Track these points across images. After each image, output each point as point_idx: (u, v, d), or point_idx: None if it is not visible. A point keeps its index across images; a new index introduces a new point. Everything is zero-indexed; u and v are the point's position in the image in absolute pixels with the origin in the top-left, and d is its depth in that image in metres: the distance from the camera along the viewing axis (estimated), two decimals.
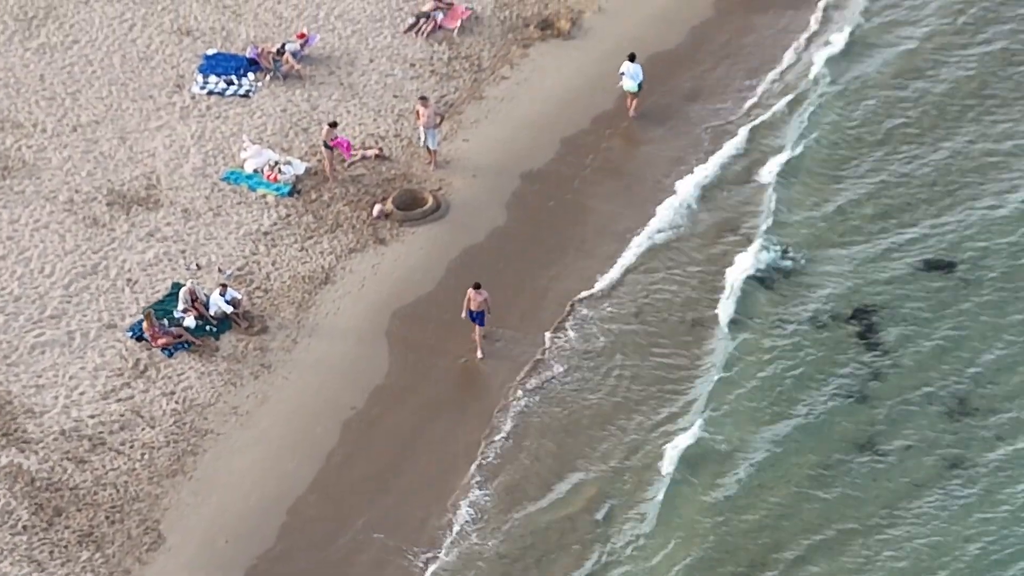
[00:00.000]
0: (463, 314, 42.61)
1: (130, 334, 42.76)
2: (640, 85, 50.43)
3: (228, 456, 40.21)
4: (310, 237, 45.97)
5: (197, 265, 44.82)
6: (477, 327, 42.70)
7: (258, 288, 44.45)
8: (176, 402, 41.25)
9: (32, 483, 39.05)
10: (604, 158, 49.35)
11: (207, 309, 43.20)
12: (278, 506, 39.17)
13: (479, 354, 42.85)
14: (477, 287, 42.41)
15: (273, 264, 45.13)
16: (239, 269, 44.87)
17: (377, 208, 46.76)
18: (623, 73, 50.50)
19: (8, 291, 43.72)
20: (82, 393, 41.25)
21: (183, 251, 45.30)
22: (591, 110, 50.88)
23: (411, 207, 47.14)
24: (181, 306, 43.22)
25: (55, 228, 45.69)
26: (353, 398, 41.88)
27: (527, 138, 49.85)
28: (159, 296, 43.88)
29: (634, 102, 50.71)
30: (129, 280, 44.28)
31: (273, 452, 40.50)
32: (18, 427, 40.27)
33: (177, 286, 43.96)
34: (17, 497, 38.69)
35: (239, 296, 43.51)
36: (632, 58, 50.42)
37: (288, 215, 46.62)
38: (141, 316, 43.08)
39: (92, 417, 40.66)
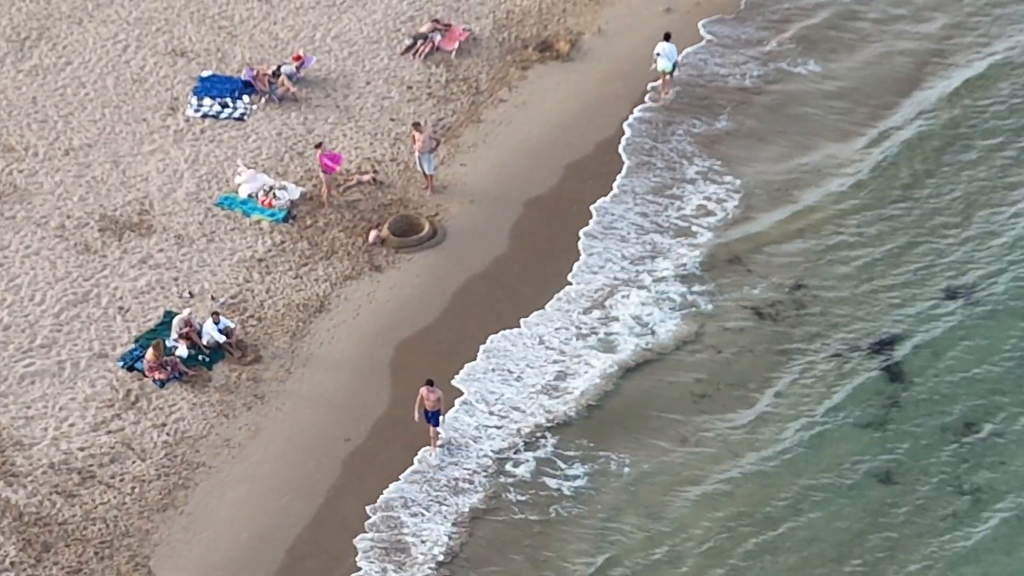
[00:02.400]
0: (415, 416, 39.89)
1: (121, 364, 42.04)
2: (675, 66, 50.71)
3: (220, 490, 39.47)
4: (305, 264, 45.28)
5: (190, 293, 44.11)
6: (433, 427, 39.93)
7: (252, 316, 43.75)
8: (167, 434, 40.55)
9: (20, 518, 38.33)
10: (605, 183, 48.62)
11: (200, 338, 42.49)
12: (272, 543, 38.40)
13: (434, 452, 40.27)
14: (430, 384, 39.64)
15: (267, 292, 44.44)
16: (232, 297, 44.18)
17: (373, 234, 46.08)
18: (658, 54, 50.72)
19: None
20: (72, 425, 40.55)
21: (176, 278, 44.60)
22: (594, 135, 50.17)
23: (407, 233, 46.46)
24: (174, 335, 42.52)
25: (46, 254, 45.00)
26: (348, 431, 41.13)
27: (527, 163, 49.14)
28: (151, 324, 43.17)
29: (668, 82, 50.97)
30: (121, 308, 43.59)
31: (266, 487, 39.74)
32: (6, 460, 39.56)
33: (170, 314, 43.28)
34: (5, 532, 37.97)
35: (232, 325, 42.80)
36: (667, 37, 50.64)
37: (283, 241, 45.94)
38: (133, 345, 42.40)
39: (82, 449, 39.95)
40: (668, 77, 50.98)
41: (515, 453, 40.60)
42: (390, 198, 47.53)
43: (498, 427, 41.24)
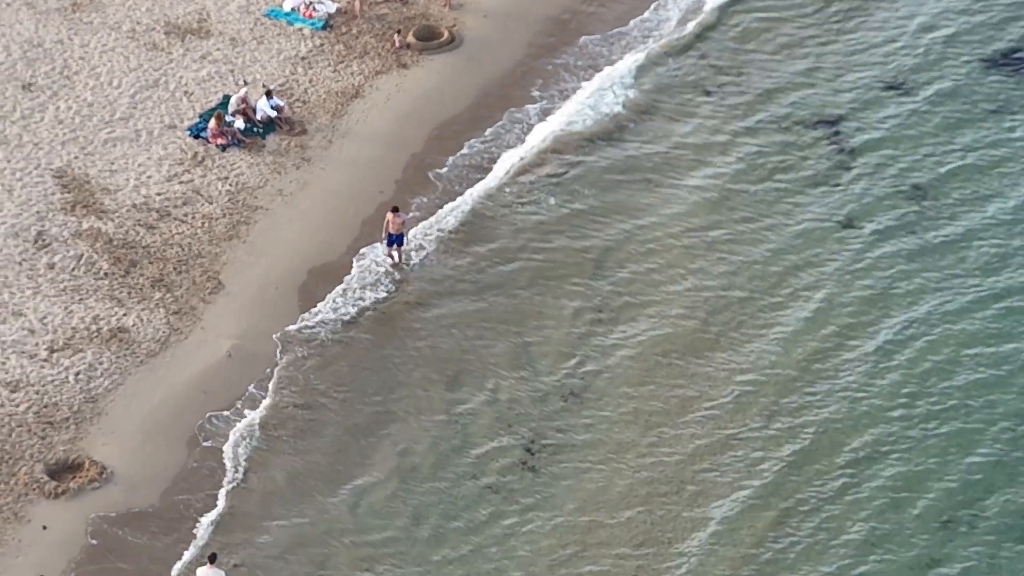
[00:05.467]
0: (383, 237, 46.09)
1: (188, 133, 49.49)
2: None
3: (276, 227, 46.97)
4: (341, 62, 52.71)
5: (244, 81, 51.52)
6: (396, 247, 45.91)
7: (297, 100, 51.20)
8: (230, 185, 48.02)
9: (110, 242, 45.78)
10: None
11: (255, 114, 49.96)
12: (318, 267, 46.24)
13: (394, 265, 46.09)
14: (395, 210, 45.95)
15: (310, 82, 51.88)
16: (281, 85, 51.59)
17: (398, 38, 53.53)
18: None
19: (82, 98, 50.41)
20: (149, 176, 47.99)
21: (232, 70, 52.04)
22: None
23: (429, 39, 53.94)
24: (232, 110, 49.96)
25: (120, 51, 52.38)
26: (381, 185, 48.69)
27: None
28: (212, 104, 50.59)
29: None
30: (186, 92, 51.01)
31: (313, 226, 47.26)
32: (96, 201, 47.00)
33: (227, 97, 50.72)
34: (98, 252, 45.42)
35: (282, 104, 50.23)
36: None
37: (322, 44, 53.37)
38: (198, 119, 49.84)
39: (159, 195, 47.43)
40: None
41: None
42: (413, 12, 54.98)
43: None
